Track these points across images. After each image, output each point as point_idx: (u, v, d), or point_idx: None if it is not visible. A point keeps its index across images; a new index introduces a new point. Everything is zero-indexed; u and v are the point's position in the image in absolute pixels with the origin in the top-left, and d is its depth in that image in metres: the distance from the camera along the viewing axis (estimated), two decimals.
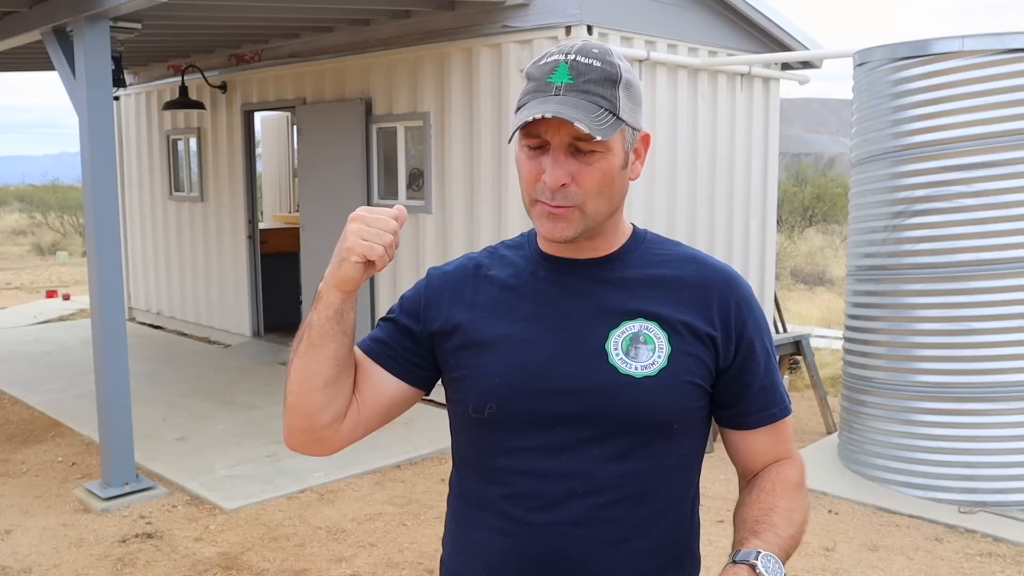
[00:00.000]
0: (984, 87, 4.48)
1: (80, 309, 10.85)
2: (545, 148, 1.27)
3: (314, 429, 1.36)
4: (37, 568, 3.96)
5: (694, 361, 1.33)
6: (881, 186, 4.88)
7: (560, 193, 1.27)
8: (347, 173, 7.07)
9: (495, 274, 1.42)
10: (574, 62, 1.26)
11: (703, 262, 1.42)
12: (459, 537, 1.44)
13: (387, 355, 1.41)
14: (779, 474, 1.40)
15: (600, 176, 1.28)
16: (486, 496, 1.38)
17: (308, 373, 1.31)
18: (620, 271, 1.38)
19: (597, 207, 1.30)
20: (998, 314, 4.55)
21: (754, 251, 7.06)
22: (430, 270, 1.48)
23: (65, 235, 21.11)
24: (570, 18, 5.48)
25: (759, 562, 1.20)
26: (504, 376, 1.34)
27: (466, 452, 1.42)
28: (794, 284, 13.64)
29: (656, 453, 1.33)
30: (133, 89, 9.63)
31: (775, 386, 1.42)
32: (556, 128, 1.25)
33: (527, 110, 1.25)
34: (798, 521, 1.33)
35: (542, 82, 1.27)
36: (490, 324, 1.37)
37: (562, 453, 1.31)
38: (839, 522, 4.48)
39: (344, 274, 1.26)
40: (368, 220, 1.26)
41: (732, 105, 6.68)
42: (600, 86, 1.25)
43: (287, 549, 4.14)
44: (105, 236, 4.59)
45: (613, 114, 1.25)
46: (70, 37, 4.67)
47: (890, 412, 4.84)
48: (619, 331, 1.33)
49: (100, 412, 4.73)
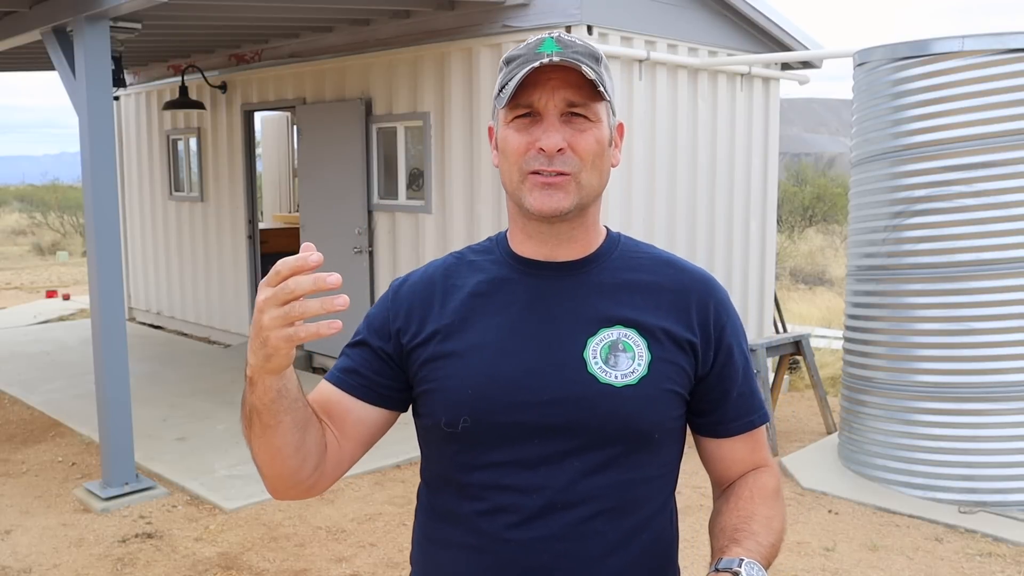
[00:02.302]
0: (984, 87, 4.48)
1: (80, 309, 10.85)
2: (536, 119, 1.26)
3: (299, 484, 1.29)
4: (37, 568, 3.96)
5: (674, 369, 1.30)
6: (881, 186, 4.88)
7: (558, 159, 1.24)
8: (347, 173, 7.07)
9: (464, 281, 1.36)
10: (559, 38, 1.27)
11: (680, 266, 1.39)
12: (430, 555, 1.38)
13: (360, 385, 1.34)
14: (756, 482, 1.37)
15: (595, 143, 1.26)
16: (460, 512, 1.32)
17: (274, 448, 1.22)
18: (597, 275, 1.34)
19: (590, 179, 1.28)
20: (998, 314, 4.55)
21: (754, 251, 7.06)
22: (394, 282, 1.43)
23: (65, 235, 21.10)
24: (570, 18, 5.48)
25: (743, 569, 1.17)
26: (478, 388, 1.28)
27: (438, 466, 1.36)
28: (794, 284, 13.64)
29: (637, 464, 1.29)
30: (133, 89, 9.63)
31: (753, 392, 1.40)
32: (551, 93, 1.24)
33: (530, 65, 1.23)
34: (777, 529, 1.31)
35: (531, 53, 1.26)
36: (461, 333, 1.31)
37: (540, 466, 1.27)
38: (839, 522, 4.48)
39: (275, 366, 1.11)
40: (278, 298, 1.04)
41: (732, 105, 6.68)
42: (587, 58, 1.26)
43: (287, 549, 4.14)
44: (105, 236, 4.59)
45: (600, 85, 1.26)
46: (70, 37, 4.67)
47: (890, 412, 4.84)
48: (597, 339, 1.29)
49: (100, 412, 4.73)
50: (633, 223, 5.90)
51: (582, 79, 1.25)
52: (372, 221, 7.04)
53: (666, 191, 6.21)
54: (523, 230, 1.35)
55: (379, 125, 6.89)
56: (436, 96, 6.40)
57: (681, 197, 6.34)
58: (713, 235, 6.64)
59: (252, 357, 1.12)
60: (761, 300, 7.19)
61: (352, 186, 7.05)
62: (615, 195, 5.83)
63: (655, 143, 6.09)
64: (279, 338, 1.06)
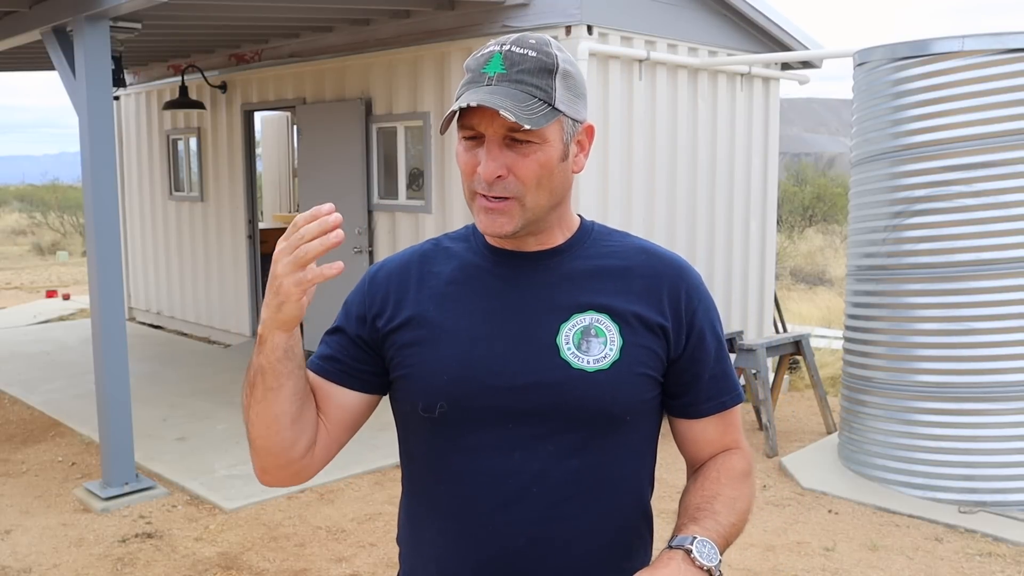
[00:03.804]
0: (984, 87, 4.48)
1: (80, 309, 10.85)
2: (481, 140, 1.26)
3: (290, 464, 1.32)
4: (37, 568, 3.96)
5: (646, 352, 1.32)
6: (881, 186, 4.88)
7: (497, 185, 1.25)
8: (347, 173, 7.07)
9: (440, 268, 1.38)
10: (508, 52, 1.25)
11: (652, 252, 1.40)
12: (413, 537, 1.41)
13: (341, 371, 1.37)
14: (725, 463, 1.39)
15: (537, 168, 1.25)
16: (438, 496, 1.35)
17: (272, 416, 1.27)
18: (569, 263, 1.35)
19: (537, 200, 1.27)
20: (998, 314, 4.55)
21: (754, 251, 7.06)
22: (370, 268, 1.45)
23: (65, 235, 21.11)
24: (570, 18, 5.49)
25: (694, 547, 1.20)
26: (453, 373, 1.30)
27: (416, 451, 1.39)
28: (794, 284, 13.64)
29: (610, 446, 1.32)
30: (133, 89, 9.64)
31: (726, 374, 1.41)
32: (490, 119, 1.23)
33: (459, 102, 1.23)
34: (741, 510, 1.33)
35: (477, 73, 1.26)
36: (436, 319, 1.33)
37: (515, 451, 1.29)
38: (839, 522, 4.48)
39: (287, 315, 1.19)
40: (291, 246, 1.16)
41: (732, 105, 6.68)
42: (534, 76, 1.23)
43: (287, 549, 4.14)
44: (105, 236, 4.59)
45: (548, 104, 1.23)
46: (70, 37, 4.67)
47: (890, 412, 4.84)
48: (570, 324, 1.31)
49: (100, 412, 4.73)
50: (633, 223, 5.90)
51: (529, 99, 1.22)
52: (372, 221, 7.04)
53: (666, 191, 6.21)
54: None
55: (379, 125, 6.89)
56: (436, 96, 6.40)
57: (681, 197, 6.34)
58: (713, 235, 6.64)
59: (265, 311, 1.21)
60: (761, 300, 7.19)
61: (352, 186, 7.05)
62: (615, 195, 5.84)
63: (655, 143, 6.09)
64: (291, 283, 1.16)
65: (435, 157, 6.46)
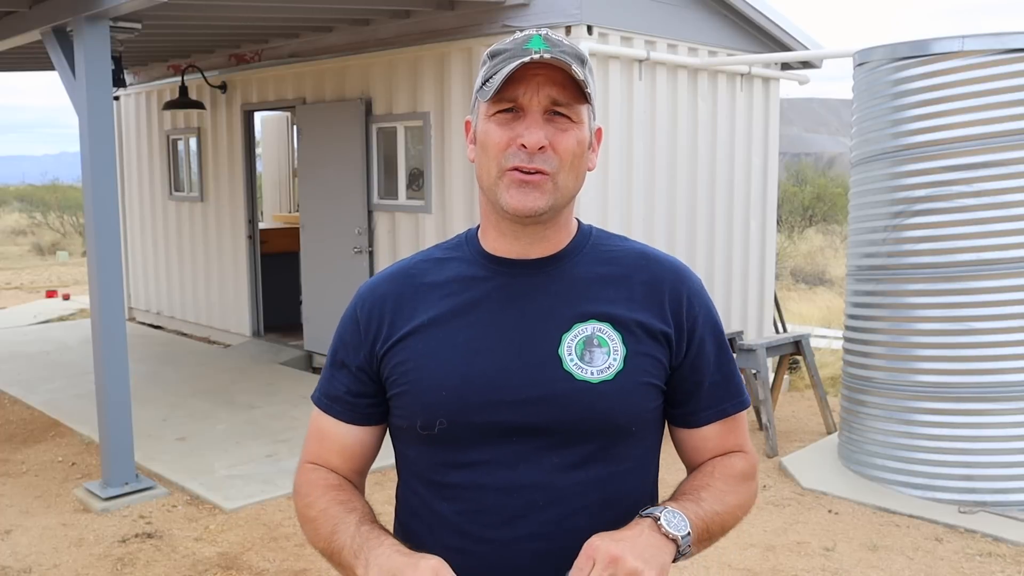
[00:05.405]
0: (984, 87, 4.48)
1: (80, 309, 10.85)
2: (518, 115, 1.24)
3: None
4: (37, 568, 3.96)
5: (649, 361, 1.30)
6: (881, 186, 4.88)
7: (539, 157, 1.23)
8: (347, 173, 7.07)
9: (433, 280, 1.35)
10: (547, 36, 1.26)
11: (652, 257, 1.38)
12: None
13: (348, 411, 1.38)
14: (724, 461, 1.37)
15: (575, 144, 1.25)
16: (440, 512, 1.31)
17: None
18: (569, 271, 1.33)
19: (567, 181, 1.26)
20: (998, 314, 4.55)
21: (754, 251, 7.06)
22: (360, 289, 1.41)
23: (65, 235, 21.11)
24: (570, 18, 5.49)
25: (662, 516, 1.19)
26: (452, 388, 1.27)
27: (415, 467, 1.35)
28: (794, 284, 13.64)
29: (616, 458, 1.29)
30: (133, 89, 9.64)
31: (728, 380, 1.38)
32: (535, 89, 1.22)
33: (517, 62, 1.21)
34: (731, 504, 1.31)
35: (519, 49, 1.24)
36: (433, 334, 1.30)
37: (520, 465, 1.26)
38: (839, 522, 4.48)
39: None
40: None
41: (732, 105, 6.68)
42: (573, 59, 1.24)
43: (287, 549, 4.14)
44: (105, 236, 4.59)
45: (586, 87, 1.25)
46: (70, 37, 4.67)
47: (890, 412, 4.84)
48: (572, 335, 1.28)
49: (100, 412, 4.73)
50: (633, 223, 5.90)
51: (568, 78, 1.23)
52: (372, 221, 7.04)
53: (666, 191, 6.21)
54: (496, 227, 1.33)
55: (379, 125, 6.89)
56: (436, 96, 6.40)
57: (681, 197, 6.34)
58: (713, 235, 6.64)
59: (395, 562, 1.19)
60: (761, 300, 7.19)
61: (352, 186, 7.05)
62: (615, 195, 5.84)
63: (655, 143, 6.09)
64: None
65: (435, 157, 6.46)
